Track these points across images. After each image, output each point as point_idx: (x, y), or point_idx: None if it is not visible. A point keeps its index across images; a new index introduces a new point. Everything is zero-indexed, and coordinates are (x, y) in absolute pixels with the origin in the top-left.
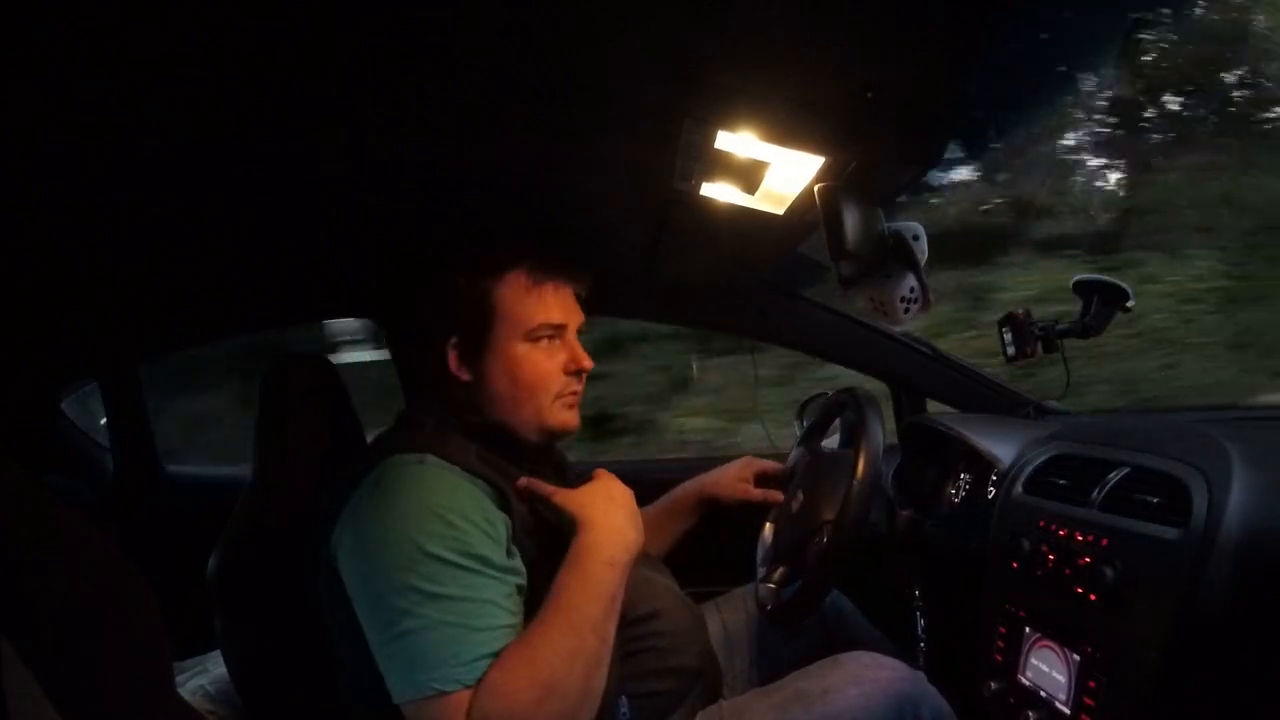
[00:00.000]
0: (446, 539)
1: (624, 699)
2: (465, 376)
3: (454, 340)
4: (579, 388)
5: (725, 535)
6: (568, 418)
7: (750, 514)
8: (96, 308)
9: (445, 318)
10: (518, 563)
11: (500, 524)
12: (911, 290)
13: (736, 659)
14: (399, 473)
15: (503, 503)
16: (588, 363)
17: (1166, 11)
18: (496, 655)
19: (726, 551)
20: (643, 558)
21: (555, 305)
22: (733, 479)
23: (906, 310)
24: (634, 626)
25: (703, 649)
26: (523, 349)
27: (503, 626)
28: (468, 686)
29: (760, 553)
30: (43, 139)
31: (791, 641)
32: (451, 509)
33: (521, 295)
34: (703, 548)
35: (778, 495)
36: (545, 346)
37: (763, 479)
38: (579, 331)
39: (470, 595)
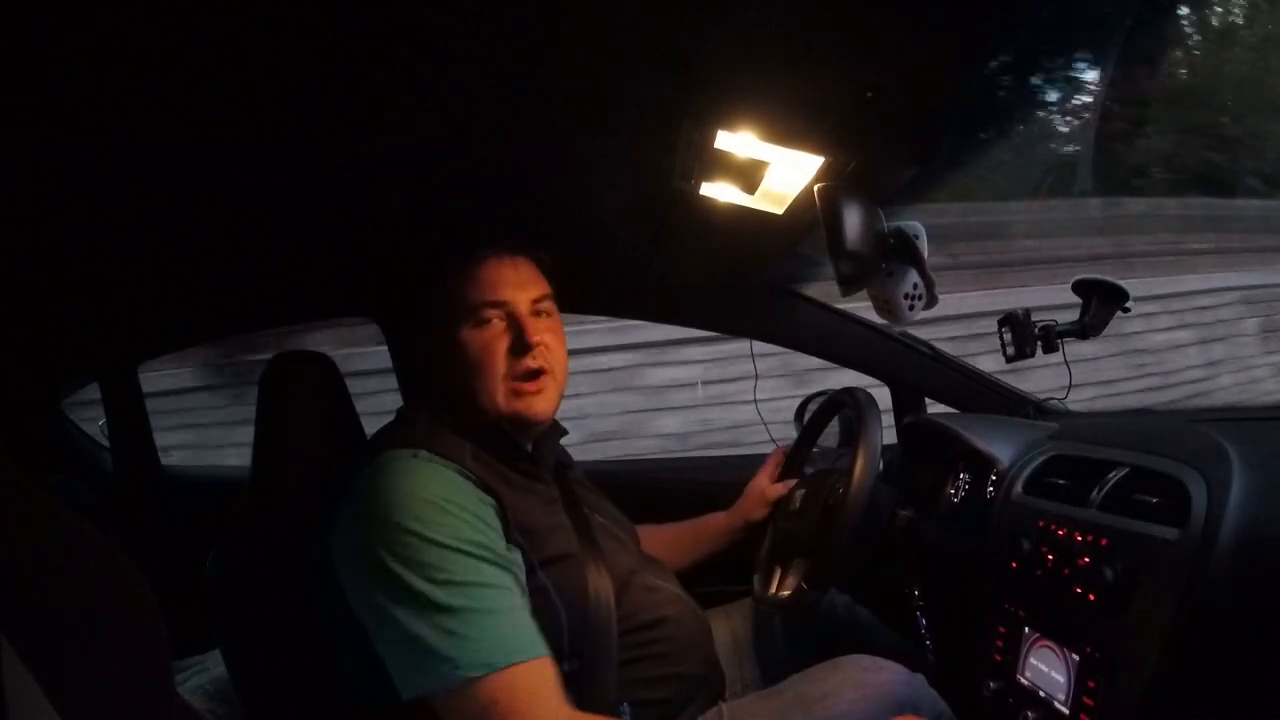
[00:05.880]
0: (446, 526)
1: (626, 705)
2: (431, 371)
3: (414, 336)
4: (533, 366)
5: None
6: (520, 405)
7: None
8: (96, 308)
9: (407, 315)
10: (517, 556)
11: (494, 518)
12: (915, 286)
13: (745, 665)
14: (393, 467)
15: (497, 502)
16: (533, 337)
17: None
18: (515, 636)
19: (733, 552)
20: (650, 565)
21: (496, 282)
22: (758, 506)
23: (911, 307)
24: (638, 633)
25: (707, 656)
26: (467, 332)
27: (511, 608)
28: (495, 670)
29: (761, 552)
30: (43, 139)
31: (797, 645)
32: (448, 498)
33: (462, 279)
34: None
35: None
36: (490, 328)
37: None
38: (539, 311)
39: (475, 580)
